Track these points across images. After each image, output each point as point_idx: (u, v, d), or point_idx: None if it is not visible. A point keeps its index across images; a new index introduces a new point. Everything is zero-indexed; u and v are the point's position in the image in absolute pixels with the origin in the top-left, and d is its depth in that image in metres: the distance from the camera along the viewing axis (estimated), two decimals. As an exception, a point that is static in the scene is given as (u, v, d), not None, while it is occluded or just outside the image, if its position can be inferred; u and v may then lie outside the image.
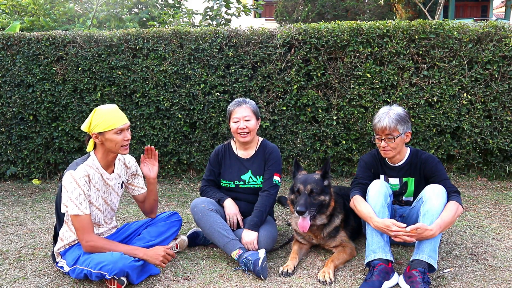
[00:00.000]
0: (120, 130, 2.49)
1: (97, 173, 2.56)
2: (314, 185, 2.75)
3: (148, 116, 4.93)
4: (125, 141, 2.53)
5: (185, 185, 4.94)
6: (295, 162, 2.98)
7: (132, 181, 2.86)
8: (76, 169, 2.46)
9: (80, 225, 2.42)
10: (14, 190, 4.89)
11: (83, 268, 2.39)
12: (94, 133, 2.48)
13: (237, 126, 2.97)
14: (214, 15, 7.05)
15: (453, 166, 4.88)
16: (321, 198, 2.76)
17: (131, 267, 2.37)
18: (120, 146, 2.51)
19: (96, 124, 2.46)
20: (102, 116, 2.46)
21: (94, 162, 2.55)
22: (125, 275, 2.37)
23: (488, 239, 3.14)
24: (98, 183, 2.57)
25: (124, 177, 2.79)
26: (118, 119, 2.50)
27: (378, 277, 2.39)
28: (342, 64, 4.62)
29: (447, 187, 2.59)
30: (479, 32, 4.51)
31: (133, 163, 2.84)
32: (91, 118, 2.48)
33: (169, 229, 2.82)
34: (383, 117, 2.71)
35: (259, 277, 2.53)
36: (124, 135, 2.52)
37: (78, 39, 4.88)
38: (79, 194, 2.42)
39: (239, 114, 2.96)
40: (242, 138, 3.00)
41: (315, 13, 17.03)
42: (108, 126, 2.46)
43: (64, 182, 2.45)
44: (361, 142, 4.81)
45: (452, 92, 4.56)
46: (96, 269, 2.34)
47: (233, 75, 4.74)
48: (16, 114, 5.07)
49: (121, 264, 2.33)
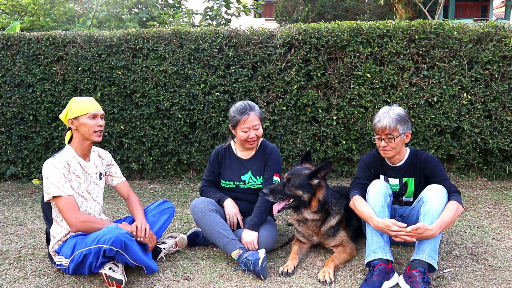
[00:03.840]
0: (93, 115, 2.63)
1: (75, 161, 2.65)
2: (294, 177, 2.76)
3: (148, 116, 4.93)
4: (97, 126, 2.64)
5: (185, 185, 4.94)
6: (306, 153, 3.00)
7: (109, 172, 2.92)
8: (54, 157, 2.58)
9: (65, 206, 2.45)
10: (14, 190, 4.89)
11: (82, 250, 2.39)
12: (70, 118, 2.62)
13: (247, 136, 2.93)
14: (214, 15, 7.05)
15: (453, 166, 4.88)
16: (297, 192, 2.75)
17: (128, 238, 2.37)
18: (93, 131, 2.62)
19: (72, 110, 2.61)
20: (78, 103, 2.63)
21: (71, 151, 2.66)
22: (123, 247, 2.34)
23: (488, 239, 3.14)
24: (77, 170, 2.64)
25: (101, 168, 2.84)
26: (93, 105, 2.65)
27: (378, 277, 2.39)
28: (342, 64, 4.62)
29: (447, 187, 2.59)
30: (479, 32, 4.51)
31: (107, 154, 2.93)
32: (68, 106, 2.65)
33: (160, 218, 2.81)
34: (383, 117, 2.71)
35: (259, 277, 2.53)
36: (97, 121, 2.64)
37: (78, 39, 4.88)
38: (60, 177, 2.49)
39: (249, 123, 2.91)
40: (250, 146, 3.01)
41: (315, 13, 17.03)
42: (82, 110, 2.60)
43: (43, 171, 2.52)
44: (361, 142, 4.81)
45: (452, 92, 4.56)
46: (94, 244, 2.33)
47: (233, 75, 4.74)
48: (16, 114, 5.07)
49: (116, 233, 2.33)
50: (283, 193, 2.75)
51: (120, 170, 3.01)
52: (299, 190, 2.75)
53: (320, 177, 2.77)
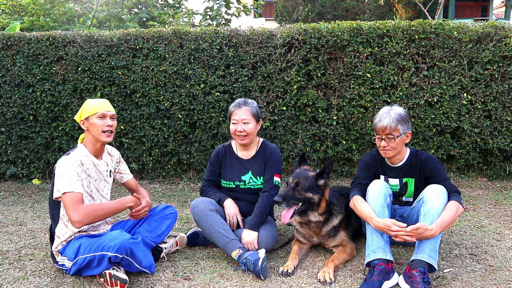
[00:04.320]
0: (102, 115, 2.62)
1: (88, 160, 2.65)
2: (303, 180, 2.74)
3: (148, 116, 4.93)
4: (106, 126, 2.63)
5: (185, 185, 4.94)
6: (301, 155, 2.98)
7: (118, 169, 2.94)
8: (69, 155, 2.58)
9: (71, 202, 2.40)
10: (14, 190, 4.89)
11: (86, 256, 2.38)
12: (82, 119, 2.64)
13: (235, 129, 2.97)
14: (214, 15, 7.05)
15: (453, 166, 4.88)
16: (307, 195, 2.73)
17: (132, 243, 2.39)
18: (101, 131, 2.61)
19: (85, 110, 2.64)
20: (90, 104, 2.65)
21: (84, 150, 2.67)
22: (129, 253, 2.35)
23: (488, 239, 3.14)
24: (90, 169, 2.65)
25: (111, 166, 2.86)
26: (102, 106, 2.66)
27: (378, 277, 2.39)
28: (342, 64, 4.62)
29: (447, 187, 2.59)
30: (479, 32, 4.51)
31: (115, 151, 2.94)
32: (81, 107, 2.68)
33: (162, 223, 2.82)
34: (383, 117, 2.71)
35: (259, 277, 2.53)
36: (106, 121, 2.63)
37: (78, 39, 4.88)
38: (73, 175, 2.48)
39: (238, 116, 2.96)
40: (240, 140, 3.01)
41: (315, 13, 17.03)
42: (92, 110, 2.62)
43: (57, 168, 2.51)
44: (361, 142, 4.81)
45: (452, 92, 4.56)
46: (98, 251, 2.33)
47: (233, 75, 4.74)
48: (16, 114, 5.07)
49: (121, 239, 2.33)
50: (294, 197, 2.72)
51: None
52: (309, 192, 2.73)
53: (325, 177, 2.79)
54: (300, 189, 2.73)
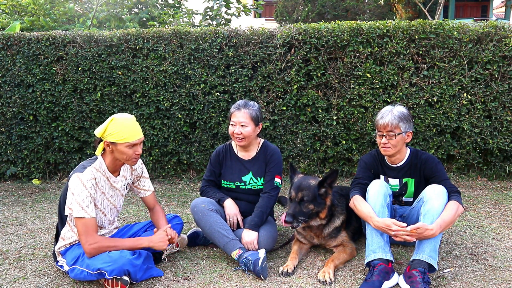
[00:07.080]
0: (132, 144, 2.48)
1: (104, 176, 2.55)
2: (306, 192, 2.74)
3: (148, 116, 4.93)
4: (135, 155, 2.52)
5: (185, 185, 4.94)
6: (290, 166, 2.99)
7: (137, 184, 2.84)
8: (84, 171, 2.44)
9: (84, 228, 2.37)
10: (14, 190, 4.89)
11: (82, 269, 2.38)
12: (107, 141, 2.47)
13: (233, 131, 2.96)
14: (214, 15, 7.05)
15: (453, 166, 4.88)
16: (310, 207, 2.74)
17: (131, 265, 2.36)
18: (130, 159, 2.51)
19: (111, 133, 2.44)
20: (118, 127, 2.44)
21: (102, 165, 2.54)
22: (127, 274, 2.36)
23: (488, 239, 3.14)
24: (104, 186, 2.56)
25: (130, 179, 2.77)
26: (134, 133, 2.48)
27: (378, 277, 2.39)
28: (342, 64, 4.62)
29: (447, 187, 2.59)
30: (479, 32, 4.51)
31: (139, 164, 2.80)
32: (106, 125, 2.45)
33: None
34: (386, 114, 2.73)
35: (259, 277, 2.53)
36: (136, 149, 2.51)
37: (78, 39, 4.88)
38: (86, 197, 2.39)
39: (236, 118, 2.95)
40: (237, 142, 3.02)
41: (315, 13, 17.04)
42: (122, 138, 2.44)
43: (70, 184, 2.41)
44: (361, 142, 4.81)
45: (452, 92, 4.56)
46: (95, 270, 2.33)
47: (233, 75, 4.74)
48: (16, 114, 5.07)
49: (120, 263, 2.32)
50: (302, 213, 2.73)
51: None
52: (312, 204, 2.74)
53: (327, 186, 2.79)
54: (305, 202, 2.74)
